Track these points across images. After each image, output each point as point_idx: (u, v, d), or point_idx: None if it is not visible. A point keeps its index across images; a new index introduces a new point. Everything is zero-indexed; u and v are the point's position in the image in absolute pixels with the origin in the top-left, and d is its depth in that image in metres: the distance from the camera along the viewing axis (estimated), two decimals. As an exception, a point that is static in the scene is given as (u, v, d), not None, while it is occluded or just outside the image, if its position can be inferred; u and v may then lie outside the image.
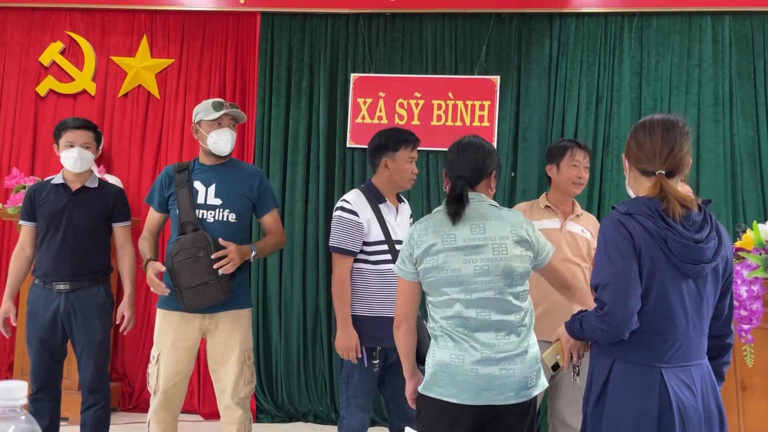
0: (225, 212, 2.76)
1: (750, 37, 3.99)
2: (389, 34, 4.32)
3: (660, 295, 1.71)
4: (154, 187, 2.89)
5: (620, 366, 1.74)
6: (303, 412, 4.26)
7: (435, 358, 2.02)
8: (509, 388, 1.95)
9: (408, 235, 2.08)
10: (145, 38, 4.48)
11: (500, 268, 1.97)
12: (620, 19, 4.11)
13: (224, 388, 2.77)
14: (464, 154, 2.08)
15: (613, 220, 1.75)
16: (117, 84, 4.51)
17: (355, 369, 2.62)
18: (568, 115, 4.10)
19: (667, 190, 1.71)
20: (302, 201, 4.32)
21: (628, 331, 1.69)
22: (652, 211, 1.72)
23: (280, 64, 4.38)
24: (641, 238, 1.70)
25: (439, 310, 2.02)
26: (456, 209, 2.00)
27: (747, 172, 3.94)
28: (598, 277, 1.74)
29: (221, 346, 2.77)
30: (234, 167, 2.88)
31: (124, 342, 4.41)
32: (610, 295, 1.69)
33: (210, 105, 2.80)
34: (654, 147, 1.75)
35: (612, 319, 1.69)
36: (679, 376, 1.72)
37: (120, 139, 4.51)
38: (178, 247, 2.67)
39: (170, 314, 2.75)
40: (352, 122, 4.29)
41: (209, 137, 2.76)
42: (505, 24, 4.22)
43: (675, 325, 1.71)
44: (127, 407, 4.34)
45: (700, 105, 4.01)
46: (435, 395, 1.99)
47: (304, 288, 4.30)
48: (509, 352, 1.96)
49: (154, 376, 2.76)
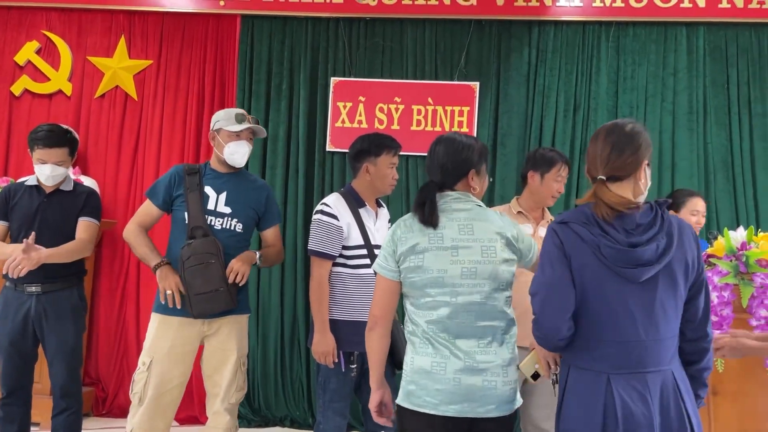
0: (233, 221, 2.73)
1: (724, 47, 4.07)
2: (370, 38, 4.33)
3: (599, 301, 1.70)
4: (159, 184, 2.80)
5: (573, 373, 1.75)
6: (280, 417, 4.23)
7: (414, 366, 1.94)
8: (491, 400, 1.89)
9: (391, 232, 2.01)
10: (123, 39, 4.44)
11: (488, 271, 1.91)
12: (598, 28, 4.16)
13: (217, 392, 2.73)
14: (435, 154, 2.01)
15: (549, 229, 1.77)
16: (94, 85, 4.46)
17: (332, 374, 2.61)
18: (546, 121, 4.15)
19: (597, 193, 1.71)
20: (281, 204, 4.29)
21: (558, 337, 1.71)
22: (587, 218, 1.72)
23: (260, 67, 4.36)
24: (572, 246, 1.70)
25: (421, 313, 1.94)
26: (426, 217, 1.93)
27: (720, 180, 4.02)
28: (532, 286, 1.77)
29: (219, 351, 2.72)
30: (245, 178, 2.86)
31: (98, 346, 4.35)
32: (538, 304, 1.73)
33: (233, 116, 2.76)
34: (596, 152, 1.76)
35: (541, 327, 1.72)
36: (631, 383, 1.68)
37: (96, 140, 4.46)
38: (189, 252, 2.61)
39: (169, 319, 2.66)
40: (331, 126, 4.29)
41: (227, 147, 2.73)
42: (485, 31, 4.25)
43: (621, 331, 1.69)
44: (100, 412, 4.27)
45: (675, 113, 4.08)
46: (414, 407, 1.92)
47: (282, 292, 4.28)
48: (492, 362, 1.90)
49: (141, 383, 2.64)
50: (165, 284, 2.62)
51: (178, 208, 2.74)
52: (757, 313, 2.23)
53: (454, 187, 2.00)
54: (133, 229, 2.77)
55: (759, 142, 4.00)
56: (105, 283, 4.36)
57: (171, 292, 2.60)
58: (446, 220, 1.94)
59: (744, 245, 2.34)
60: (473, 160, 2.00)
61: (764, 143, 4.00)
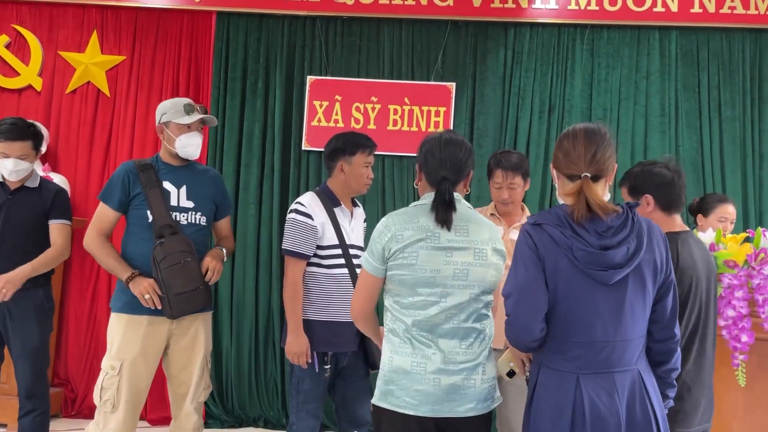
0: (197, 215, 2.68)
1: (695, 52, 4.14)
2: (347, 37, 4.32)
3: (570, 303, 1.72)
4: (113, 184, 2.65)
5: (543, 372, 1.77)
6: (253, 417, 4.20)
7: (393, 365, 1.92)
8: (469, 399, 1.89)
9: (382, 226, 1.96)
10: (95, 34, 4.37)
11: (478, 274, 1.91)
12: (573, 30, 4.20)
13: (185, 392, 2.68)
14: (447, 151, 1.96)
15: (522, 230, 1.78)
16: (65, 80, 4.38)
17: (305, 374, 2.60)
18: (522, 123, 4.18)
19: (585, 191, 1.72)
20: (256, 203, 4.27)
21: (530, 338, 1.73)
22: (560, 221, 1.74)
23: (236, 64, 4.32)
24: (546, 247, 1.72)
25: (408, 312, 1.91)
26: (446, 215, 1.90)
27: (691, 183, 4.08)
28: (505, 287, 1.77)
29: (186, 350, 2.68)
30: (198, 169, 2.79)
31: (68, 346, 4.28)
32: (511, 305, 1.74)
33: (181, 107, 2.66)
34: (578, 152, 1.77)
35: (514, 327, 1.73)
36: (600, 383, 1.70)
37: (67, 136, 4.38)
38: (163, 252, 2.52)
39: (138, 319, 2.57)
40: (307, 125, 4.27)
41: (178, 140, 2.65)
42: (462, 32, 4.27)
43: (590, 332, 1.71)
44: (69, 413, 4.20)
45: (647, 116, 4.14)
46: (391, 407, 1.91)
47: (257, 291, 4.25)
48: (471, 362, 1.90)
49: (112, 390, 2.54)
50: (141, 289, 2.52)
51: (138, 207, 2.62)
52: (725, 313, 2.27)
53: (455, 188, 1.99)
54: (95, 239, 2.64)
55: (728, 145, 4.08)
56: (75, 282, 4.28)
57: (149, 296, 2.52)
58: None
59: (713, 246, 2.38)
60: (472, 163, 2.03)
61: (733, 147, 4.07)
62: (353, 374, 2.67)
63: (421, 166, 2.02)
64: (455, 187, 1.98)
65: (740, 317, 2.23)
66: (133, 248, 2.63)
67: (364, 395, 2.68)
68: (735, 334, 2.24)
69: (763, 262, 2.34)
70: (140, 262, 2.59)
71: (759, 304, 2.25)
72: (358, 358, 2.67)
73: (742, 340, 2.22)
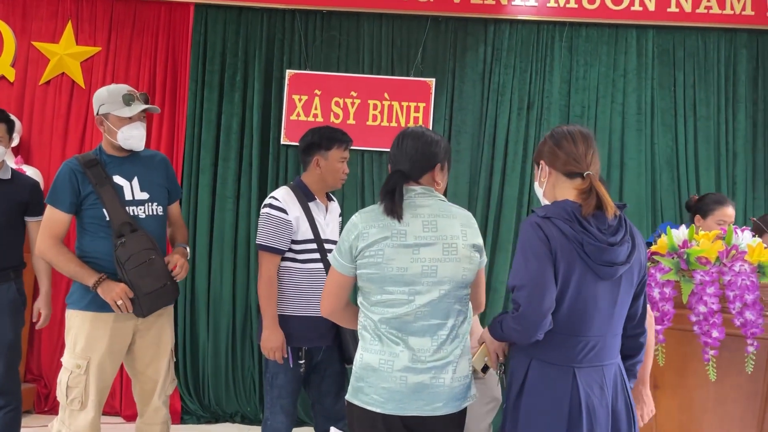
0: (154, 205, 2.60)
1: (672, 51, 4.19)
2: (326, 31, 4.30)
3: (575, 297, 1.76)
4: (60, 186, 2.50)
5: (537, 365, 1.79)
6: (230, 413, 4.18)
7: (363, 361, 1.92)
8: (438, 398, 1.87)
9: (351, 225, 1.94)
10: (70, 24, 4.29)
11: (449, 270, 1.88)
12: (552, 27, 4.22)
13: (152, 388, 2.65)
14: (403, 146, 1.97)
15: (531, 223, 1.79)
16: (38, 71, 4.31)
17: (280, 369, 2.59)
18: (500, 119, 4.19)
19: (597, 188, 1.78)
20: (234, 197, 4.24)
21: (541, 332, 1.73)
22: (569, 215, 1.77)
23: (214, 57, 4.28)
24: (557, 241, 1.74)
25: (377, 310, 1.90)
26: (392, 206, 1.88)
27: (665, 180, 4.13)
28: (514, 279, 1.77)
29: (154, 345, 2.64)
30: (143, 157, 2.65)
31: (40, 341, 4.21)
32: (525, 297, 1.73)
33: (120, 98, 2.52)
34: (580, 151, 1.84)
35: (526, 320, 1.73)
36: (592, 376, 1.77)
37: (41, 128, 4.31)
38: (126, 252, 2.44)
39: (103, 316, 2.50)
40: (286, 119, 4.24)
41: (120, 133, 2.52)
42: (442, 27, 4.27)
43: (589, 327, 1.77)
44: (42, 409, 4.15)
45: (624, 114, 4.18)
46: (361, 403, 1.91)
47: (234, 286, 4.22)
48: (441, 360, 1.88)
49: (79, 389, 2.49)
50: (113, 296, 2.44)
51: (92, 207, 2.50)
52: (696, 309, 2.30)
53: (419, 180, 1.96)
54: (51, 246, 2.50)
55: (702, 143, 4.13)
56: (48, 276, 4.21)
57: (122, 302, 2.45)
58: (410, 216, 1.89)
59: (686, 243, 2.41)
60: (440, 154, 1.98)
61: (707, 145, 4.13)
62: (328, 369, 2.67)
63: (390, 164, 2.03)
64: (418, 179, 1.96)
65: (711, 313, 2.26)
66: (92, 246, 2.52)
67: (339, 390, 2.68)
68: (706, 330, 2.27)
69: (734, 259, 2.37)
70: (102, 261, 2.50)
71: (730, 300, 2.28)
72: (333, 352, 2.67)
73: (713, 335, 2.24)
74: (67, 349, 2.57)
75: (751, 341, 2.23)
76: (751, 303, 2.25)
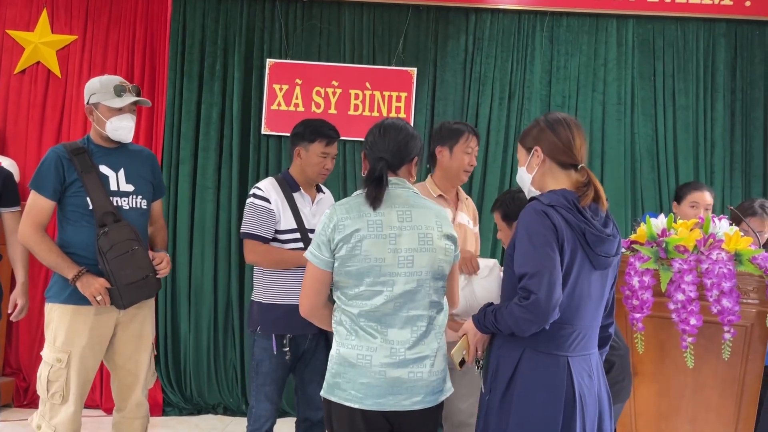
0: (138, 198, 2.58)
1: (651, 40, 4.21)
2: (307, 20, 4.26)
3: (573, 287, 1.76)
4: (44, 172, 2.48)
5: (529, 356, 1.77)
6: (213, 404, 4.17)
7: (339, 357, 1.91)
8: (416, 392, 1.88)
9: (326, 218, 1.92)
10: (45, 12, 4.21)
11: (425, 260, 1.88)
12: (533, 17, 4.23)
13: (132, 381, 2.62)
14: (386, 136, 1.97)
15: (536, 210, 1.75)
16: (13, 60, 4.23)
17: (264, 357, 2.59)
18: (482, 108, 4.19)
19: (593, 180, 1.80)
20: (214, 188, 4.20)
21: (552, 319, 1.70)
22: (570, 204, 1.77)
23: (193, 46, 4.23)
24: (563, 230, 1.73)
25: (355, 303, 1.89)
26: (375, 193, 1.88)
27: (646, 169, 4.17)
28: (524, 266, 1.71)
29: (135, 338, 2.61)
30: (131, 150, 2.65)
31: (18, 334, 4.16)
32: (539, 284, 1.67)
33: (111, 88, 2.51)
34: (578, 142, 1.84)
35: (538, 308, 1.67)
36: (581, 365, 1.80)
37: (16, 118, 4.23)
38: (108, 242, 2.40)
39: (83, 309, 2.46)
40: (267, 109, 4.21)
41: (109, 123, 2.50)
42: (423, 16, 4.25)
43: (582, 316, 1.79)
44: (21, 403, 4.10)
45: (605, 104, 4.20)
46: (338, 399, 1.90)
47: (215, 277, 4.20)
48: (419, 353, 1.88)
49: (60, 382, 2.46)
50: (92, 291, 2.40)
51: (75, 195, 2.47)
52: (674, 296, 2.32)
53: (397, 172, 1.98)
54: (33, 234, 2.46)
55: (682, 133, 4.17)
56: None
57: (101, 297, 2.42)
58: (385, 207, 1.90)
59: (664, 232, 2.43)
60: (417, 148, 2.02)
61: (686, 134, 4.17)
62: (312, 357, 2.68)
63: (365, 154, 2.02)
64: (396, 170, 1.98)
65: (689, 301, 2.28)
66: (73, 236, 2.48)
67: (321, 379, 2.67)
68: (684, 318, 2.29)
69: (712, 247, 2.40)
70: (83, 251, 2.47)
71: (707, 288, 2.30)
72: (320, 341, 2.67)
73: (690, 323, 2.27)
74: (47, 343, 2.54)
75: (728, 328, 2.26)
76: (728, 291, 2.28)
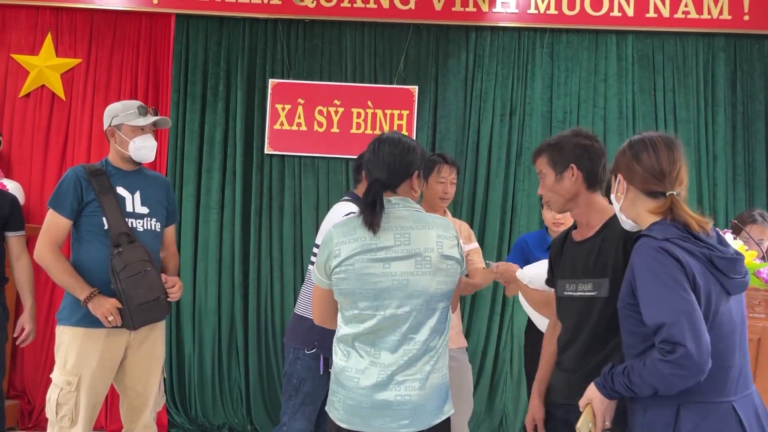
0: (152, 221, 2.62)
1: (651, 55, 4.23)
2: (308, 40, 4.30)
3: (717, 320, 1.56)
4: (64, 191, 2.52)
5: (689, 411, 1.54)
6: (217, 425, 4.15)
7: (334, 374, 1.92)
8: (403, 415, 1.82)
9: (326, 239, 1.91)
10: (49, 36, 4.26)
11: (420, 284, 1.83)
12: (533, 34, 4.26)
13: (141, 403, 2.62)
14: (379, 153, 1.91)
15: (654, 248, 1.55)
16: (18, 83, 4.27)
17: (309, 376, 2.55)
18: (483, 126, 4.21)
19: (678, 211, 1.59)
20: (218, 208, 4.22)
21: (708, 368, 1.48)
22: (684, 232, 1.58)
23: (196, 67, 4.26)
24: (689, 263, 1.53)
25: (351, 325, 1.87)
26: (371, 218, 1.82)
27: (648, 183, 4.16)
28: (659, 316, 1.50)
29: (145, 360, 2.61)
30: (147, 174, 2.73)
31: (23, 357, 4.16)
32: (682, 333, 1.46)
33: (134, 109, 2.59)
34: (663, 166, 1.65)
35: (691, 361, 1.46)
36: (746, 407, 1.57)
37: (21, 141, 4.26)
38: (122, 262, 2.43)
39: (95, 332, 2.47)
40: (270, 128, 4.23)
41: (132, 143, 2.57)
42: (423, 35, 4.29)
43: (733, 350, 1.58)
44: (26, 426, 4.09)
45: (606, 118, 4.21)
46: (332, 417, 1.91)
47: (219, 297, 4.20)
48: (409, 376, 1.83)
49: (69, 405, 2.45)
50: (104, 311, 2.42)
51: (92, 214, 2.52)
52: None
53: (397, 190, 1.92)
54: (49, 252, 2.50)
55: (683, 146, 4.16)
56: (31, 290, 4.16)
57: (112, 317, 2.43)
58: (383, 229, 1.85)
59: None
60: (417, 161, 1.94)
61: (688, 148, 4.17)
62: None
63: (364, 173, 2.00)
64: (395, 189, 1.93)
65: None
66: (88, 256, 2.52)
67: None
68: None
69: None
70: (96, 270, 2.50)
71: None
72: None
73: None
74: (57, 365, 2.54)
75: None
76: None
